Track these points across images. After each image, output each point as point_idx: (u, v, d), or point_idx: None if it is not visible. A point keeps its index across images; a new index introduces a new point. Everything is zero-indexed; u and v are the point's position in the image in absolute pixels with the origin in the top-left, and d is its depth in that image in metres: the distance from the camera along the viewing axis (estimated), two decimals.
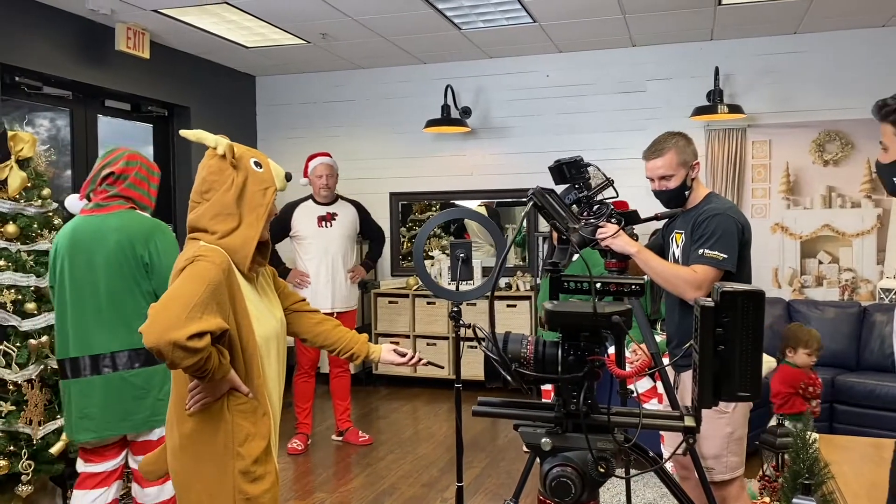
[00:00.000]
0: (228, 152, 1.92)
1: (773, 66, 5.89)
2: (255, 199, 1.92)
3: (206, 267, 1.78)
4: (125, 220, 2.85)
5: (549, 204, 1.50)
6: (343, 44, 5.98)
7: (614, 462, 1.13)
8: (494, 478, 4.30)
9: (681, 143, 2.68)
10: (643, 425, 1.16)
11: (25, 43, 4.76)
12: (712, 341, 1.09)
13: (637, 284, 1.20)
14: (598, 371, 1.15)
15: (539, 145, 6.44)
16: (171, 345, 1.63)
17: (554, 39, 5.93)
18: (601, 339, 1.14)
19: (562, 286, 1.26)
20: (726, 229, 2.59)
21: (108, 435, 2.86)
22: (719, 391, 1.11)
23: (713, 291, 1.14)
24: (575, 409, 1.15)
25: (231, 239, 1.88)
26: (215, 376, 1.77)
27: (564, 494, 1.12)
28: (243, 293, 1.87)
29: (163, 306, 1.69)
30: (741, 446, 2.74)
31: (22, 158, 3.91)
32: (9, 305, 3.71)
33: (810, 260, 5.91)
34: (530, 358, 1.16)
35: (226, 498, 1.82)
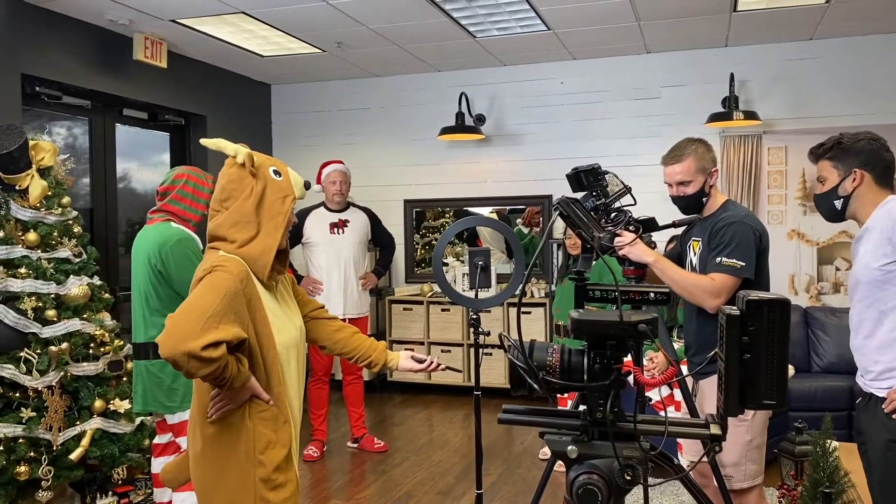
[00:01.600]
0: (248, 161, 1.93)
1: (788, 73, 5.87)
2: (274, 208, 1.94)
3: (223, 277, 1.79)
4: (155, 231, 3.32)
5: (575, 213, 1.51)
6: (358, 52, 6.02)
7: (640, 470, 1.14)
8: (511, 485, 4.29)
9: (700, 150, 2.68)
10: (669, 433, 1.16)
11: (46, 53, 4.82)
12: (738, 350, 1.09)
13: (662, 293, 1.21)
14: (624, 379, 1.16)
15: (553, 152, 6.44)
16: (185, 355, 1.65)
17: (568, 47, 5.94)
18: (627, 348, 1.15)
19: (587, 295, 1.27)
20: (743, 237, 2.59)
21: (140, 411, 3.45)
22: (745, 399, 1.11)
23: (738, 300, 1.14)
24: (601, 416, 1.15)
25: (250, 248, 1.89)
26: (234, 384, 1.78)
27: (591, 501, 1.12)
28: (263, 302, 1.88)
29: (179, 317, 1.71)
30: (760, 454, 2.73)
31: (43, 167, 3.96)
32: (30, 313, 3.75)
33: (827, 266, 5.87)
34: (556, 366, 1.17)
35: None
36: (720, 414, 1.15)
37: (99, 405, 3.89)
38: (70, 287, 3.92)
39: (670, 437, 1.16)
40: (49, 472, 3.67)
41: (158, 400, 3.34)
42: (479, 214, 6.45)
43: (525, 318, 6.19)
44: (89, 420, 3.85)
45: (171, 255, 3.20)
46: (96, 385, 3.95)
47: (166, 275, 3.23)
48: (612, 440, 1.12)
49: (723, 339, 1.12)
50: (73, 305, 3.93)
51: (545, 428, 1.21)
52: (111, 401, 3.96)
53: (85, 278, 4.03)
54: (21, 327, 3.73)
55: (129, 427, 3.98)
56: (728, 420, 2.53)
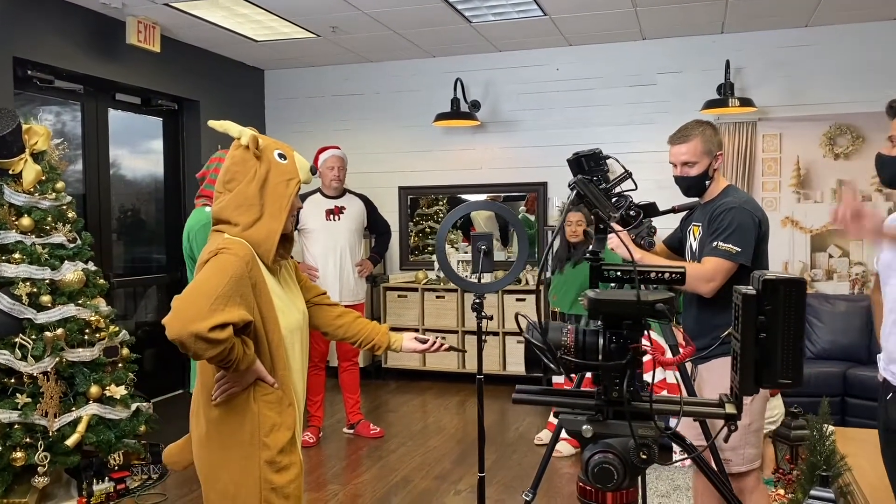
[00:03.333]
0: (252, 143, 1.92)
1: (784, 60, 5.88)
2: (278, 191, 1.93)
3: (229, 259, 1.78)
4: (191, 216, 3.52)
5: (592, 192, 1.50)
6: (353, 37, 5.98)
7: (656, 448, 1.14)
8: (506, 470, 4.31)
9: (708, 133, 2.68)
10: (684, 413, 1.17)
11: (38, 36, 4.77)
12: (754, 329, 1.09)
13: (678, 272, 1.21)
14: (640, 359, 1.16)
15: (548, 139, 6.43)
16: (192, 336, 1.65)
17: (564, 33, 5.92)
18: (643, 328, 1.15)
19: (602, 275, 1.27)
20: (742, 223, 2.59)
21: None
22: (761, 378, 1.12)
23: (753, 279, 1.14)
24: (617, 396, 1.16)
25: (254, 231, 1.89)
26: (240, 367, 1.78)
27: (607, 480, 1.12)
28: (268, 286, 1.88)
29: (185, 299, 1.71)
30: (758, 438, 2.75)
31: (36, 152, 3.92)
32: (24, 298, 3.72)
33: (820, 254, 5.90)
34: (571, 346, 1.17)
35: (252, 487, 1.84)
36: (735, 394, 1.16)
37: (95, 391, 3.87)
38: (65, 272, 3.89)
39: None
40: (45, 457, 3.65)
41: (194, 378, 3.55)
42: (485, 199, 6.42)
43: (519, 305, 6.20)
44: (85, 406, 3.83)
45: (196, 239, 3.35)
46: (92, 371, 3.93)
47: (194, 258, 3.37)
48: (629, 419, 1.12)
49: (738, 318, 1.12)
50: (67, 291, 3.89)
51: (559, 407, 1.21)
52: (107, 387, 3.94)
53: (80, 264, 4.00)
54: (16, 313, 3.70)
55: (125, 413, 3.96)
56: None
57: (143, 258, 6.28)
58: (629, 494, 1.16)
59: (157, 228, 6.35)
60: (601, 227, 1.42)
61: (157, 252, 6.37)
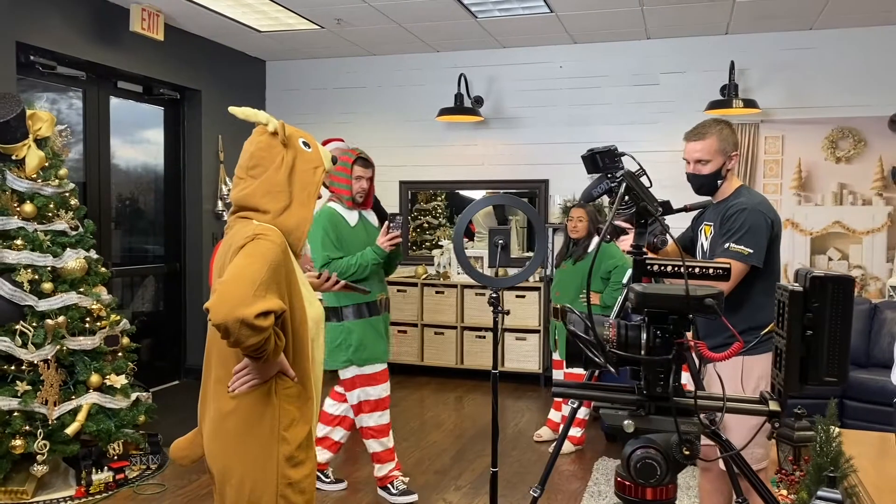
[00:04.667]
0: (281, 130, 1.90)
1: (788, 62, 5.89)
2: (306, 178, 1.91)
3: (267, 246, 1.76)
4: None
5: (639, 185, 1.49)
6: (356, 30, 5.95)
7: (699, 444, 1.14)
8: (507, 466, 4.30)
9: (725, 132, 2.68)
10: (727, 409, 1.16)
11: (41, 22, 4.72)
12: (800, 326, 1.09)
13: (723, 269, 1.20)
14: (685, 354, 1.15)
15: (551, 136, 6.43)
16: (238, 322, 1.61)
17: (569, 30, 5.91)
18: (689, 323, 1.14)
19: (646, 269, 1.26)
20: (754, 224, 2.59)
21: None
22: (806, 376, 1.11)
23: (800, 277, 1.14)
24: (661, 391, 1.15)
25: (285, 218, 1.86)
26: (270, 358, 1.75)
27: (650, 476, 1.12)
28: (296, 275, 1.86)
29: (229, 284, 1.66)
30: (765, 439, 2.75)
31: (40, 137, 3.89)
32: (26, 285, 3.70)
33: (820, 256, 5.92)
34: (613, 339, 1.16)
35: (269, 482, 1.80)
36: (778, 391, 1.15)
37: (95, 380, 3.85)
38: (67, 260, 3.87)
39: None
40: (44, 446, 3.63)
41: (337, 359, 3.66)
42: (506, 194, 6.40)
43: (519, 302, 6.20)
44: (85, 395, 3.81)
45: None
46: (92, 360, 3.91)
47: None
48: (675, 415, 1.12)
49: (783, 315, 1.11)
50: (69, 279, 3.87)
51: (600, 402, 1.20)
52: (107, 376, 3.92)
53: (81, 252, 3.98)
54: (17, 300, 3.68)
55: (124, 402, 3.95)
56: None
57: (141, 248, 6.24)
58: (669, 490, 1.15)
59: (156, 218, 6.32)
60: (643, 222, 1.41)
61: (154, 242, 6.33)
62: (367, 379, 3.69)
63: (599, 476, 4.17)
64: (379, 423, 3.74)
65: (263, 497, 1.79)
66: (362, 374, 3.68)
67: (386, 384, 3.75)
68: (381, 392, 3.73)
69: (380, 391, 3.73)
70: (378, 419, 3.73)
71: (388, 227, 3.53)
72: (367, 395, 3.70)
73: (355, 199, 3.67)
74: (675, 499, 1.17)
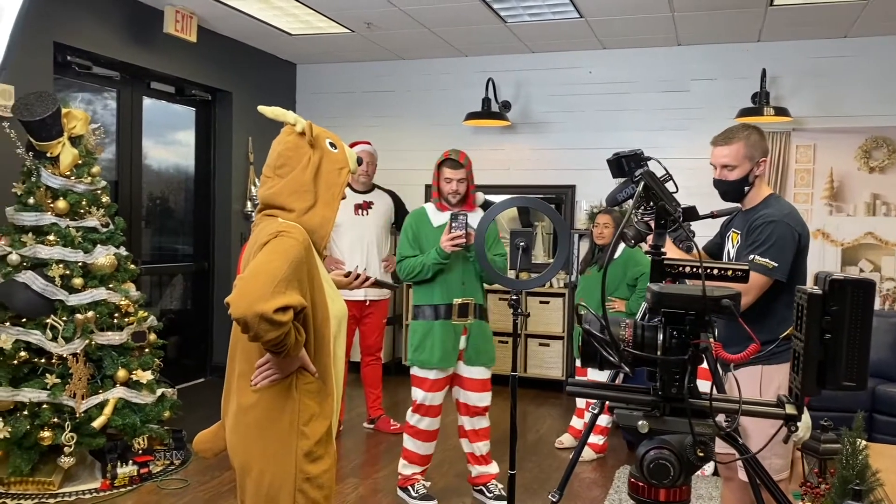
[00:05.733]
0: (308, 130, 1.94)
1: (821, 70, 5.81)
2: (331, 178, 1.94)
3: (290, 243, 1.79)
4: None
5: (658, 185, 1.49)
6: (386, 34, 5.99)
7: (713, 446, 1.13)
8: (527, 471, 4.29)
9: (752, 137, 2.65)
10: (743, 412, 1.15)
11: (78, 23, 4.82)
12: (819, 330, 1.08)
13: (741, 270, 1.19)
14: (702, 355, 1.14)
15: (578, 142, 6.41)
16: (257, 317, 1.64)
17: (599, 35, 5.89)
18: (706, 324, 1.14)
19: (664, 270, 1.25)
20: (780, 237, 2.55)
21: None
22: (824, 380, 1.10)
23: (819, 280, 1.13)
24: (676, 392, 1.14)
25: (309, 217, 1.90)
26: (291, 353, 1.78)
27: (663, 476, 1.11)
28: (319, 272, 1.89)
29: (250, 279, 1.70)
30: (787, 449, 2.72)
31: (74, 136, 3.97)
32: (57, 280, 3.77)
33: (851, 268, 5.82)
34: (629, 340, 1.16)
35: (287, 477, 1.82)
36: (795, 395, 1.14)
37: (122, 375, 3.91)
38: (97, 256, 3.94)
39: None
40: (71, 438, 3.70)
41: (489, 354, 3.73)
42: (529, 196, 6.39)
43: (543, 308, 6.18)
44: (112, 389, 3.88)
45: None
46: (119, 355, 3.97)
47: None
48: (690, 416, 1.11)
49: (801, 318, 1.10)
50: (99, 275, 3.94)
51: (613, 402, 1.20)
52: (133, 371, 3.98)
53: (112, 248, 4.05)
54: (49, 294, 3.75)
55: (150, 398, 4.00)
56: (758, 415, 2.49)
57: (170, 247, 6.33)
58: (682, 492, 1.14)
59: (185, 217, 6.41)
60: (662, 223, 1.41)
61: (183, 241, 6.42)
62: (417, 380, 3.71)
63: (620, 484, 4.14)
64: (418, 427, 3.75)
65: (281, 491, 1.82)
66: (415, 375, 3.72)
67: (432, 393, 3.68)
68: (424, 397, 3.70)
69: (422, 396, 3.70)
70: (418, 422, 3.75)
71: (450, 227, 3.49)
72: (414, 395, 3.73)
73: (448, 200, 3.63)
74: (689, 501, 1.16)
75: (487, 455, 3.86)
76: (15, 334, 3.69)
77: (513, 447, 3.11)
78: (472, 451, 3.83)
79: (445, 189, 3.64)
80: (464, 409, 3.76)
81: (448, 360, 3.64)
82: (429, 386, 3.68)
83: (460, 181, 3.63)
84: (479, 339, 3.67)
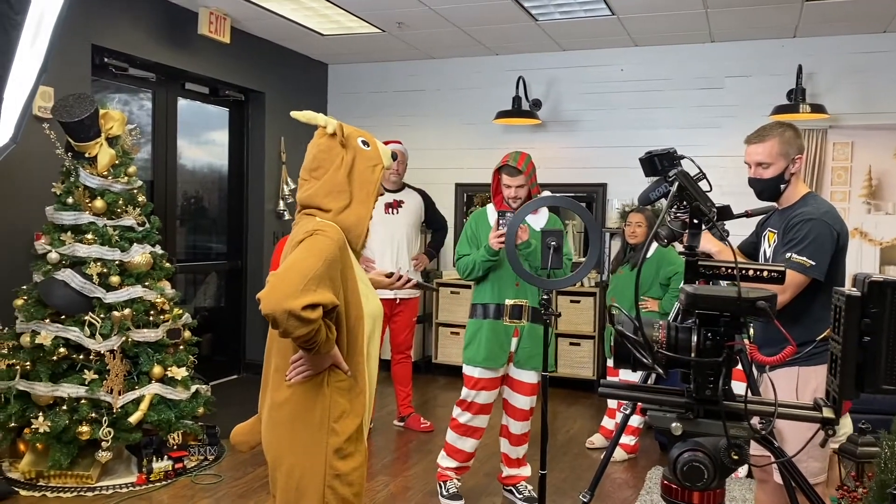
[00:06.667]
0: (339, 131, 1.96)
1: (858, 66, 5.69)
2: (365, 176, 1.96)
3: (324, 242, 1.82)
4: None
5: (692, 184, 1.48)
6: (417, 33, 6.00)
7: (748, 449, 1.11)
8: (558, 472, 4.27)
9: (787, 135, 2.60)
10: (779, 415, 1.13)
11: (115, 25, 4.91)
12: (857, 332, 1.06)
13: (777, 271, 1.17)
14: (736, 357, 1.13)
15: (610, 140, 6.36)
16: (286, 313, 1.67)
17: (631, 33, 5.84)
18: (740, 325, 1.12)
19: (698, 271, 1.24)
20: (819, 235, 2.50)
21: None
22: (862, 383, 1.08)
23: (858, 282, 1.11)
24: (710, 394, 1.13)
25: (345, 216, 1.93)
26: (321, 350, 1.80)
27: (697, 479, 1.10)
28: (354, 271, 1.91)
29: (281, 276, 1.73)
30: (824, 452, 2.67)
31: (111, 136, 4.04)
32: (95, 278, 3.84)
33: (890, 267, 5.70)
34: (663, 341, 1.15)
35: (317, 472, 1.85)
36: (833, 398, 1.12)
37: (157, 371, 3.97)
38: (133, 254, 4.01)
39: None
40: (109, 433, 3.77)
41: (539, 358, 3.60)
42: (559, 195, 6.39)
43: (574, 307, 6.15)
44: (147, 385, 3.94)
45: None
46: (155, 351, 4.04)
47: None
48: (724, 419, 1.10)
49: (839, 320, 1.08)
50: (135, 273, 4.01)
51: (646, 404, 1.19)
52: (169, 367, 4.04)
53: (147, 247, 4.12)
54: (86, 292, 3.83)
55: (185, 394, 4.06)
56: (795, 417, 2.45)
57: (204, 245, 6.42)
58: (716, 495, 1.13)
59: (219, 217, 6.49)
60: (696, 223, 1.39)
61: (217, 240, 6.51)
62: (465, 377, 3.73)
63: (652, 486, 4.10)
64: (458, 420, 3.77)
65: (311, 486, 1.84)
66: (464, 372, 3.74)
67: (475, 391, 3.68)
68: (467, 394, 3.71)
69: (465, 392, 3.72)
70: (459, 416, 3.76)
71: (498, 225, 3.52)
72: (462, 391, 3.74)
73: (509, 203, 3.64)
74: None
75: (523, 458, 3.86)
76: (54, 331, 3.77)
77: (544, 447, 3.11)
78: (507, 453, 3.83)
79: (505, 194, 3.65)
80: (510, 410, 3.77)
81: (495, 361, 3.62)
82: (472, 383, 3.68)
83: (519, 187, 3.62)
84: (530, 342, 3.63)
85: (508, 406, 3.77)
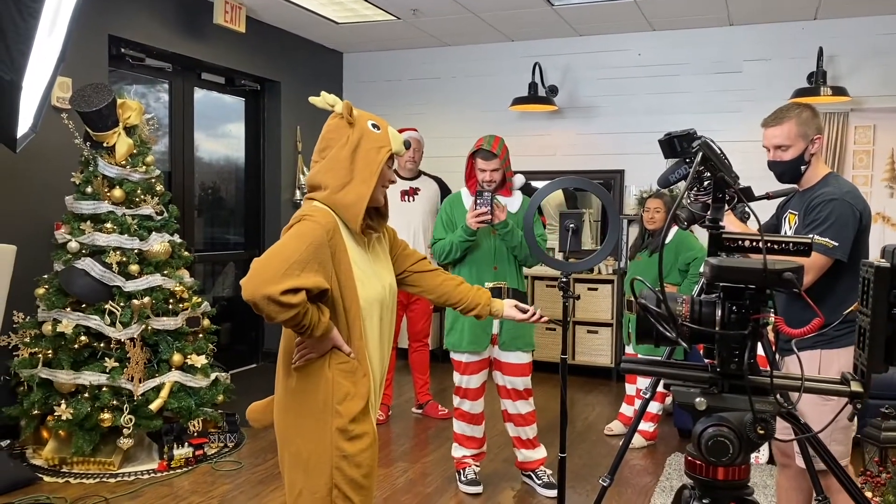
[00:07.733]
0: (346, 110, 1.95)
1: (881, 48, 5.60)
2: (369, 156, 1.95)
3: (310, 226, 1.82)
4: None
5: (716, 155, 1.45)
6: (432, 20, 5.97)
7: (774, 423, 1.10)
8: (576, 458, 4.26)
9: (804, 115, 2.56)
10: (805, 389, 1.12)
11: (131, 15, 4.93)
12: (887, 304, 1.04)
13: (804, 244, 1.15)
14: (762, 330, 1.11)
15: (627, 125, 6.31)
16: (265, 298, 1.69)
17: (648, 17, 5.78)
18: (766, 298, 1.10)
19: (722, 244, 1.22)
20: (841, 215, 2.46)
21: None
22: (892, 356, 1.06)
23: (887, 253, 1.08)
24: (735, 368, 1.11)
25: (343, 194, 1.91)
26: (314, 333, 1.81)
27: (722, 454, 1.09)
28: (349, 255, 1.90)
29: (262, 262, 1.74)
30: (846, 435, 2.63)
31: (129, 126, 4.06)
32: (115, 267, 3.87)
33: None
34: (686, 315, 1.13)
35: (324, 454, 1.87)
36: (861, 371, 1.10)
37: (177, 359, 4.00)
38: (152, 243, 4.03)
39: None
40: (130, 420, 3.80)
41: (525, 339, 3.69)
42: (576, 177, 6.39)
43: (591, 295, 6.12)
44: (168, 373, 3.97)
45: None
46: (175, 339, 4.07)
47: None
48: (749, 393, 1.08)
49: (867, 293, 1.06)
50: (154, 261, 4.04)
51: (669, 379, 1.17)
52: (188, 355, 4.07)
53: (166, 235, 4.14)
54: (106, 280, 3.86)
55: (204, 382, 4.09)
56: (814, 398, 2.42)
57: (222, 235, 6.45)
58: (742, 471, 1.12)
59: (237, 207, 6.51)
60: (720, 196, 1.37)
61: (234, 230, 6.53)
62: (454, 363, 3.76)
63: (672, 472, 4.08)
64: (461, 408, 3.79)
65: (318, 467, 1.87)
66: (452, 358, 3.76)
67: (467, 376, 3.72)
68: (461, 380, 3.74)
69: (458, 378, 3.75)
70: (460, 403, 3.78)
71: (475, 204, 3.51)
72: (454, 379, 3.77)
73: (483, 188, 3.64)
74: (749, 480, 1.14)
75: (535, 439, 3.85)
76: (75, 319, 3.81)
77: (563, 429, 3.10)
78: (517, 435, 3.83)
79: (480, 178, 3.64)
80: (504, 392, 3.78)
81: (478, 344, 3.65)
82: (463, 368, 3.72)
83: (494, 171, 3.63)
84: (512, 324, 3.61)
85: (502, 389, 3.78)
